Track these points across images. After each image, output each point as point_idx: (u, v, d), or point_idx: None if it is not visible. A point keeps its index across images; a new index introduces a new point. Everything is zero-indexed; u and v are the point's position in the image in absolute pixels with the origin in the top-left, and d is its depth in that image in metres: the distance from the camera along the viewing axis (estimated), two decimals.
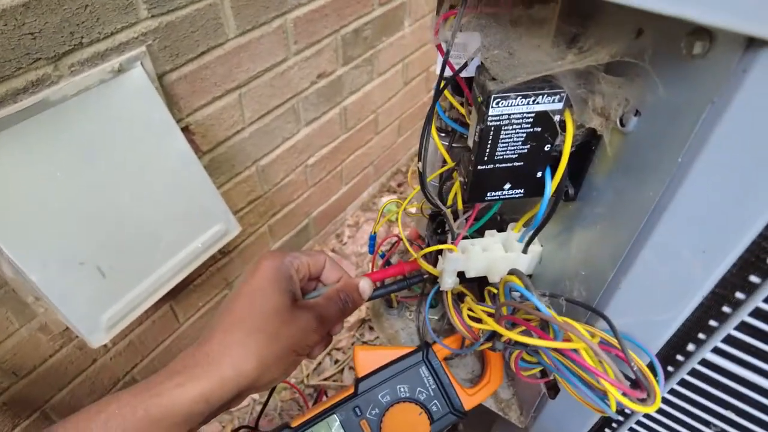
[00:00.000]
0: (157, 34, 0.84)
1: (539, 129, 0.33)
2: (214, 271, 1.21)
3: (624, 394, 0.31)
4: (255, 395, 1.27)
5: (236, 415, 1.26)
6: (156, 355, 1.16)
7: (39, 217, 0.71)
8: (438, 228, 0.53)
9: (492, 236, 0.46)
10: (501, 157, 0.35)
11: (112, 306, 0.78)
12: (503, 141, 0.34)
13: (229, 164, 1.09)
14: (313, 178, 1.40)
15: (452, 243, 0.44)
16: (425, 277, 0.52)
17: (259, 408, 1.27)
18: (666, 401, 0.39)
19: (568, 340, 0.32)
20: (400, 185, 1.88)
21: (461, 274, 0.45)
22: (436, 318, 0.64)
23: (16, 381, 0.88)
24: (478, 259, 0.44)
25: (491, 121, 0.32)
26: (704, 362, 0.34)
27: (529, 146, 0.34)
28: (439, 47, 0.35)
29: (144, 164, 0.82)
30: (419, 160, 0.39)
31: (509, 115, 0.32)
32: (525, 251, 0.43)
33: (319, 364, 1.34)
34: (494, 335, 0.43)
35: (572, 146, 0.34)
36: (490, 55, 0.32)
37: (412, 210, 0.59)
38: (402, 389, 0.49)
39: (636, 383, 0.32)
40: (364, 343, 1.39)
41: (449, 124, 0.44)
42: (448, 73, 0.35)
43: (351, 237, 1.67)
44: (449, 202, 0.48)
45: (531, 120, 0.33)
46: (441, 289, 0.47)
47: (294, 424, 0.47)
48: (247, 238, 1.27)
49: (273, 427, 0.50)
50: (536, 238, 0.44)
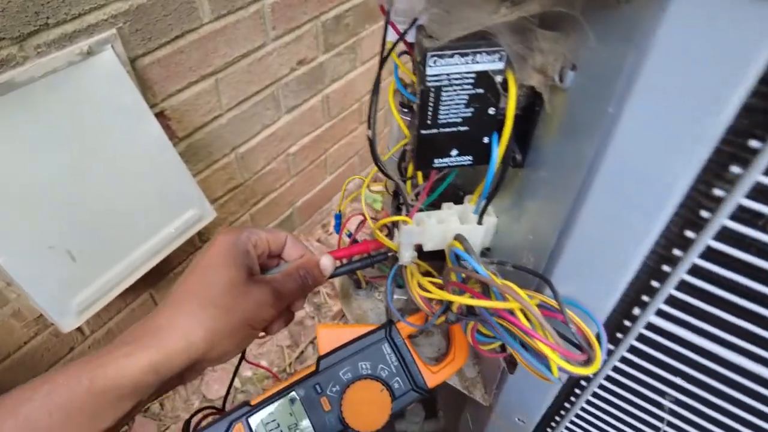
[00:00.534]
0: (128, 16, 0.83)
1: (481, 90, 0.33)
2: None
3: (564, 357, 0.30)
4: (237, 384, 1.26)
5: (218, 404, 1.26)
6: None
7: (6, 200, 0.70)
8: (400, 204, 0.53)
9: (449, 208, 0.45)
10: (444, 120, 0.34)
11: (83, 290, 0.78)
12: (445, 103, 0.33)
13: (206, 151, 1.08)
14: (296, 167, 1.39)
15: (407, 215, 0.44)
16: (390, 255, 0.51)
17: (241, 396, 1.27)
18: (619, 371, 0.39)
19: None
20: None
21: (423, 250, 0.45)
22: (405, 298, 0.63)
23: None
24: (433, 231, 0.44)
25: (430, 81, 0.32)
26: (650, 326, 0.34)
27: (473, 109, 0.34)
28: (381, 8, 0.35)
29: (115, 148, 0.81)
30: (368, 127, 0.39)
31: (448, 75, 0.32)
32: (480, 222, 0.43)
33: (302, 352, 1.33)
34: (448, 307, 0.43)
35: (516, 109, 0.33)
36: (429, 14, 0.31)
37: (376, 188, 0.58)
38: (364, 366, 0.48)
39: (578, 347, 0.31)
40: None
41: (407, 96, 0.44)
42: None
43: (351, 237, 1.66)
44: (409, 175, 0.48)
45: (472, 81, 0.32)
46: (399, 263, 0.46)
47: (254, 402, 0.46)
48: (229, 227, 1.26)
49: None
50: (491, 210, 0.44)
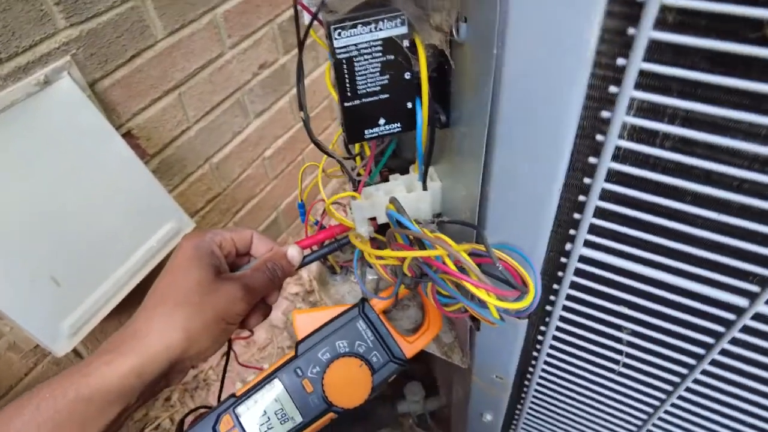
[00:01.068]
0: (80, 42, 0.84)
1: (392, 56, 0.34)
2: None
3: (499, 297, 0.32)
4: None
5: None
6: None
7: None
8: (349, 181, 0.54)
9: (395, 179, 0.47)
10: (364, 90, 0.36)
11: (72, 313, 0.79)
12: (360, 73, 0.35)
13: (180, 164, 1.09)
14: (274, 170, 1.40)
15: (355, 190, 0.46)
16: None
17: None
18: (569, 309, 0.40)
19: None
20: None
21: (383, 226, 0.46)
22: (377, 277, 0.65)
23: None
24: (382, 203, 0.45)
25: (339, 53, 0.33)
26: (583, 259, 0.35)
27: (388, 76, 0.35)
28: None
29: (85, 172, 0.82)
30: (300, 109, 0.40)
31: (356, 45, 0.33)
32: (425, 188, 0.45)
33: None
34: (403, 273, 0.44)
35: (429, 70, 0.35)
36: None
37: (331, 172, 0.60)
38: (341, 345, 0.50)
39: (511, 285, 0.33)
40: None
41: None
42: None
43: (318, 224, 1.67)
44: (356, 152, 0.50)
45: (380, 48, 0.34)
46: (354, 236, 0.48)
47: (239, 393, 0.48)
48: None
49: None
50: (435, 176, 0.46)
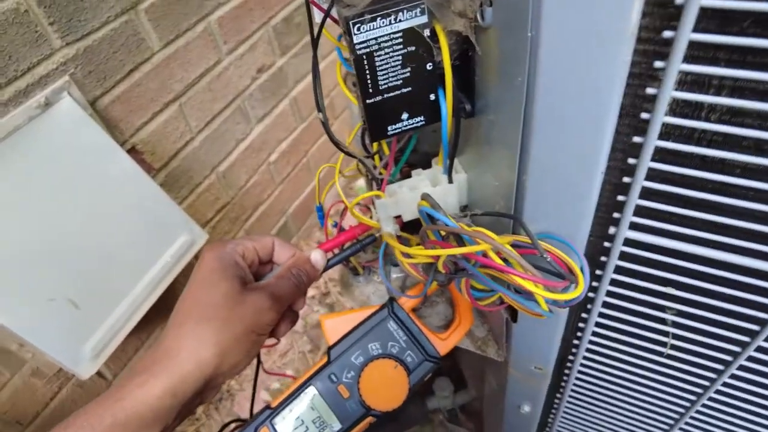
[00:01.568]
0: (77, 60, 0.83)
1: (413, 48, 0.33)
2: None
3: (547, 288, 0.31)
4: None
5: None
6: None
7: None
8: (371, 180, 0.53)
9: (418, 175, 0.46)
10: (386, 85, 0.34)
11: (93, 335, 0.79)
12: (381, 68, 0.33)
13: (186, 176, 1.08)
14: (279, 174, 1.39)
15: (378, 189, 0.44)
16: (377, 235, 0.52)
17: None
18: (613, 295, 0.39)
19: None
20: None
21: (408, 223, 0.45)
22: (403, 275, 0.64)
23: (21, 431, 0.88)
24: (407, 200, 0.44)
25: (360, 49, 0.32)
26: (628, 242, 0.34)
27: (410, 69, 0.34)
28: None
29: (92, 191, 0.81)
30: (318, 110, 0.39)
31: (376, 39, 0.32)
32: (451, 181, 0.43)
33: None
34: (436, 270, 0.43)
35: (452, 58, 0.33)
36: None
37: (349, 172, 0.58)
38: (374, 347, 0.49)
39: (559, 275, 0.32)
40: None
41: (349, 70, 0.44)
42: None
43: (337, 226, 1.66)
44: (374, 150, 0.48)
45: (401, 40, 0.32)
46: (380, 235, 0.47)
47: (274, 404, 0.47)
48: None
49: None
50: (460, 167, 0.44)
